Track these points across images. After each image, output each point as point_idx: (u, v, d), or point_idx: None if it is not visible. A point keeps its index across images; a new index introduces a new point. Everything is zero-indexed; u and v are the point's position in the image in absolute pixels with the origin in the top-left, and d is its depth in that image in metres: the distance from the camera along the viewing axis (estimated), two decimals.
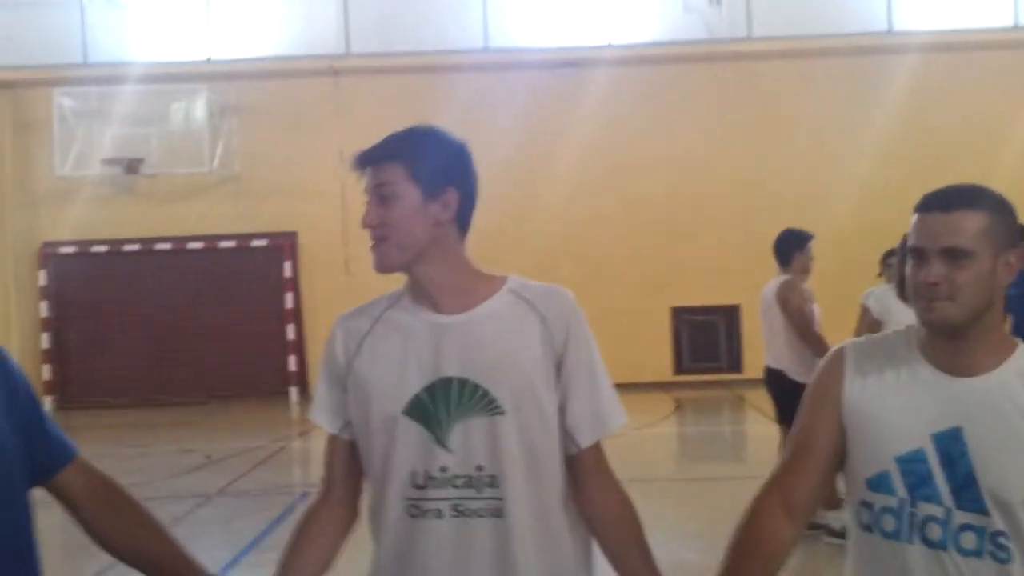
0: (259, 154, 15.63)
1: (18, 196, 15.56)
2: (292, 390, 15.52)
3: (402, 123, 2.06)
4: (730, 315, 15.81)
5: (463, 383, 1.94)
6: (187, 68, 15.65)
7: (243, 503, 8.35)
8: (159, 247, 15.91)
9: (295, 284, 15.97)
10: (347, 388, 2.04)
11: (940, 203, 1.83)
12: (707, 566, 1.95)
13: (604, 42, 15.81)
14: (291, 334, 15.74)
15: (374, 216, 1.97)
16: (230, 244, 15.90)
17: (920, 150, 14.53)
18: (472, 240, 2.05)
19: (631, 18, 15.89)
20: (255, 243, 15.93)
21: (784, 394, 6.31)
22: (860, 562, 1.94)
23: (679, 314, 16.05)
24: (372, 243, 1.99)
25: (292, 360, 15.69)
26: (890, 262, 6.60)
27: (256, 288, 15.98)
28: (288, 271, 15.89)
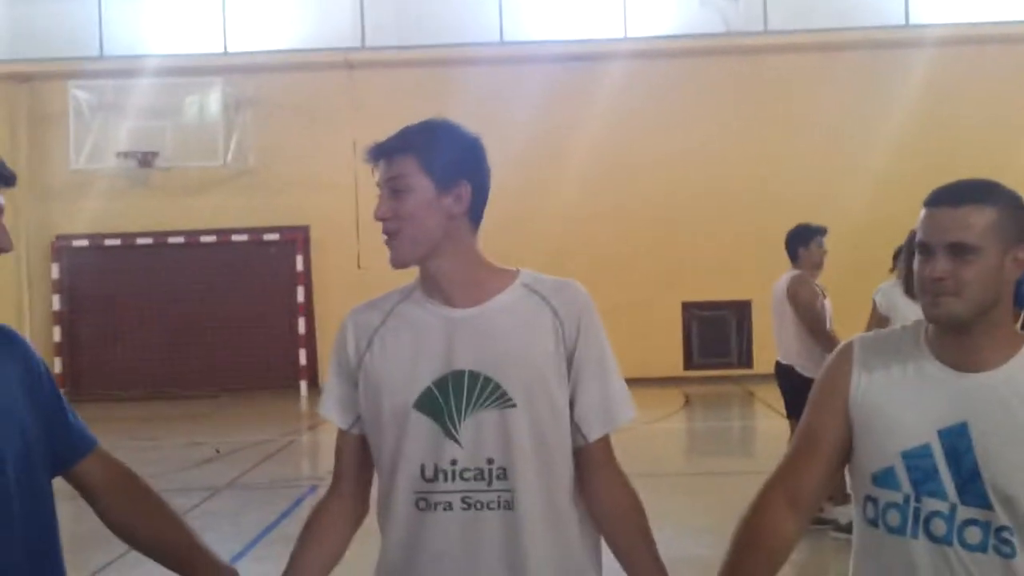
0: (273, 147, 15.65)
1: (32, 189, 15.61)
2: (302, 384, 15.54)
3: (417, 117, 2.06)
4: (741, 310, 15.77)
5: (475, 376, 1.94)
6: (202, 61, 15.68)
7: (252, 496, 8.38)
8: (172, 240, 15.93)
9: (307, 278, 15.98)
10: (357, 382, 2.04)
11: (949, 198, 1.83)
12: (716, 561, 1.95)
13: (619, 36, 15.78)
14: (302, 328, 15.74)
15: (387, 209, 1.96)
16: (243, 238, 15.92)
17: (936, 144, 14.40)
18: (484, 233, 2.04)
19: (646, 12, 15.86)
20: (267, 237, 15.95)
21: (793, 389, 6.32)
22: (865, 557, 1.94)
23: (690, 309, 16.02)
24: (385, 237, 1.98)
25: (303, 354, 15.69)
26: (902, 257, 6.58)
27: (268, 282, 16.00)
28: (300, 265, 15.90)
